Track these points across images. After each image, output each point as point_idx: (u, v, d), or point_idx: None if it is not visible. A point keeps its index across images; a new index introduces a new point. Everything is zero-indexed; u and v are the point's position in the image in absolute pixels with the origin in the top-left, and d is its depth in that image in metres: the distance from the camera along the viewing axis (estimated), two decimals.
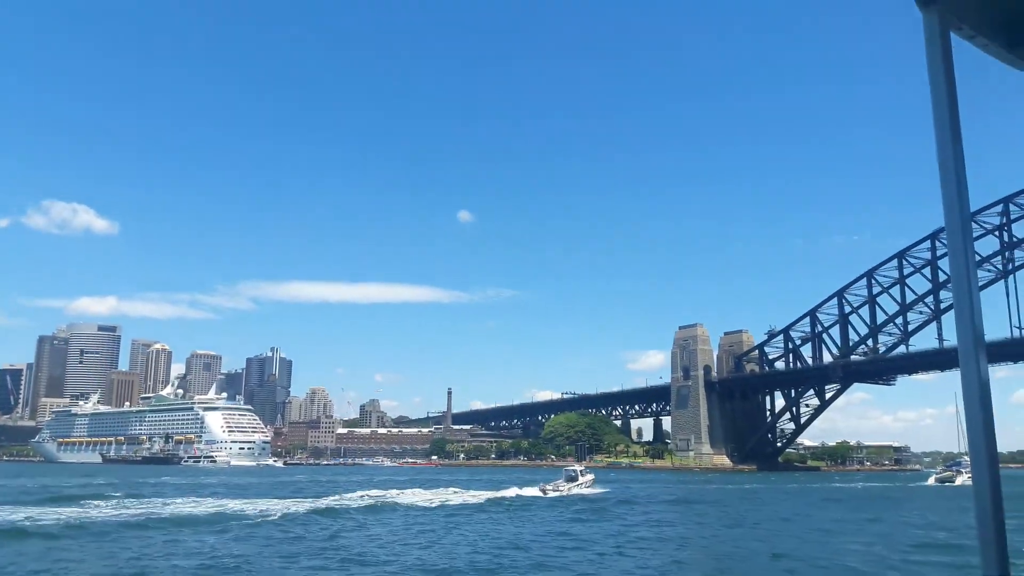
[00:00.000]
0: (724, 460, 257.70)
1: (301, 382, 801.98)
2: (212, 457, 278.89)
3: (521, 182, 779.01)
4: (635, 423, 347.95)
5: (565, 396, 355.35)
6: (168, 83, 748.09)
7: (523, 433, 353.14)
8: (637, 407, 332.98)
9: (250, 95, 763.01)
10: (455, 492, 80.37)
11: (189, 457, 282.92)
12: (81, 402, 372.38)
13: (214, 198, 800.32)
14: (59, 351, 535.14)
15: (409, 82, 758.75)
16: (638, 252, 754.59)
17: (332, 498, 71.94)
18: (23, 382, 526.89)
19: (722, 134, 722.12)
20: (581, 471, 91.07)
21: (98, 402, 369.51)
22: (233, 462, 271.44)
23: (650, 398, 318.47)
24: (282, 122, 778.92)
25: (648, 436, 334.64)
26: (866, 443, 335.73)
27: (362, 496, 73.47)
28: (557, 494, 78.14)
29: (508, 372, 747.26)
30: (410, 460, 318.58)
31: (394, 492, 79.67)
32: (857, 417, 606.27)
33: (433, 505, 66.50)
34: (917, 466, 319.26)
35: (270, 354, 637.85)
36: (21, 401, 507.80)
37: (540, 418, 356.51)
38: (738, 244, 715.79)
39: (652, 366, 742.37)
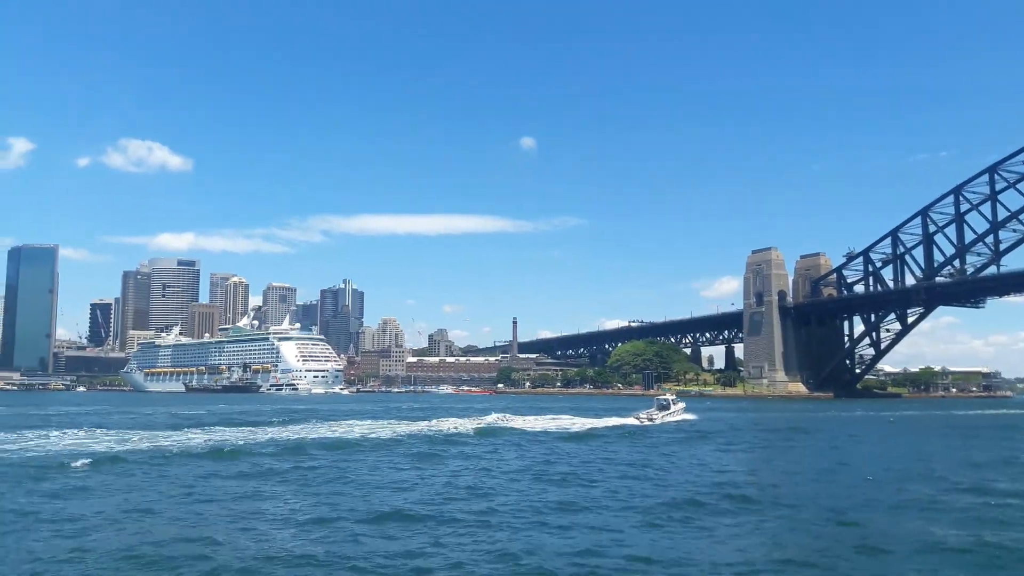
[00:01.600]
0: (799, 387, 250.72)
1: (373, 313, 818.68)
2: (294, 385, 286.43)
3: (584, 108, 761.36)
4: (706, 351, 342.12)
5: (633, 324, 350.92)
6: (237, 18, 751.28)
7: (590, 362, 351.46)
8: (708, 335, 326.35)
9: (314, 29, 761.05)
10: (568, 420, 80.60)
11: (271, 386, 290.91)
12: (163, 334, 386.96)
13: (282, 134, 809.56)
14: (143, 286, 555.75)
15: (470, 7, 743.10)
16: (710, 176, 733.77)
17: (450, 421, 75.71)
18: (112, 315, 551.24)
19: (796, 55, 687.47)
20: (673, 400, 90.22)
21: (180, 334, 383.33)
22: (314, 390, 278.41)
23: (721, 325, 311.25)
24: (346, 55, 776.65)
25: (719, 364, 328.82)
26: (952, 369, 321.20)
27: (479, 423, 74.04)
28: (651, 423, 77.90)
29: (575, 301, 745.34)
30: (466, 388, 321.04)
31: (510, 417, 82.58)
32: (944, 342, 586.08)
33: (555, 430, 66.41)
34: (1008, 392, 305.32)
35: (342, 286, 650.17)
36: (112, 334, 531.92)
37: (607, 347, 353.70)
38: (816, 165, 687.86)
39: (726, 293, 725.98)
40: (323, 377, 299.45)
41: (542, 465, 40.69)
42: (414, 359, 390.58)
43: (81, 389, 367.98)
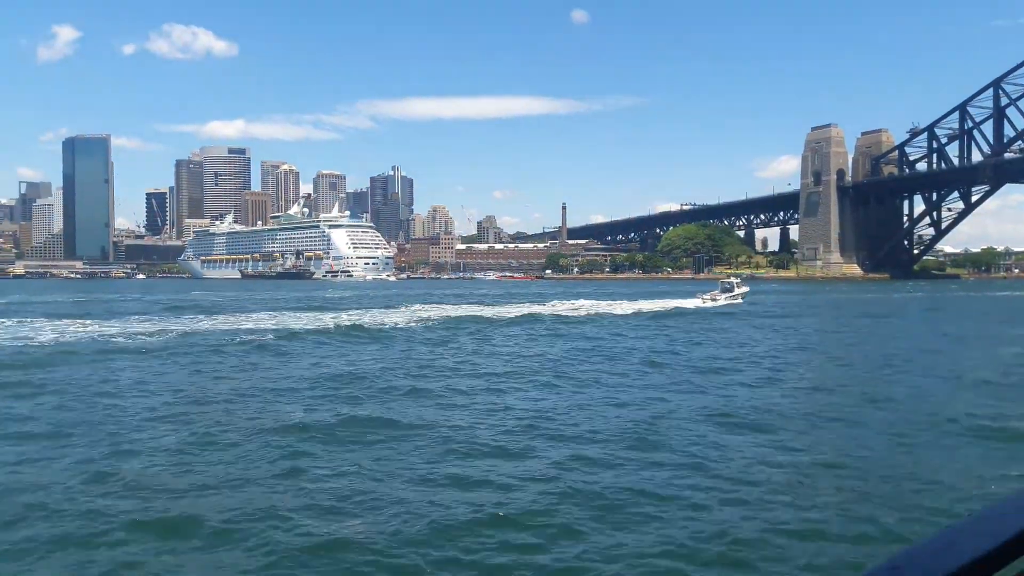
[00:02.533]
0: (854, 269, 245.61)
1: (422, 200, 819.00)
2: (349, 272, 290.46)
3: None
4: (760, 233, 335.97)
5: (685, 207, 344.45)
6: None
7: (641, 247, 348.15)
8: (762, 217, 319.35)
9: None
10: (633, 304, 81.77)
11: (327, 272, 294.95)
12: (217, 222, 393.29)
13: (327, 16, 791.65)
14: (195, 174, 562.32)
15: None
16: (768, 50, 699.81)
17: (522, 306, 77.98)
18: (167, 204, 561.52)
19: None
20: (737, 283, 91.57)
21: (233, 222, 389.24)
22: (368, 277, 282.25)
23: (777, 206, 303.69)
24: None
25: (773, 247, 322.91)
26: (1016, 249, 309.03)
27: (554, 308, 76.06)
28: (714, 304, 79.70)
29: (627, 185, 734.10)
30: (508, 275, 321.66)
31: (582, 302, 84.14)
32: (1011, 221, 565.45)
33: (631, 313, 68.07)
34: None
35: (391, 173, 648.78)
36: (168, 222, 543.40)
37: (658, 231, 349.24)
38: (883, 33, 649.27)
39: (784, 173, 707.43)
40: (374, 264, 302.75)
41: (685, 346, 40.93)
42: (463, 246, 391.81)
43: (141, 277, 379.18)
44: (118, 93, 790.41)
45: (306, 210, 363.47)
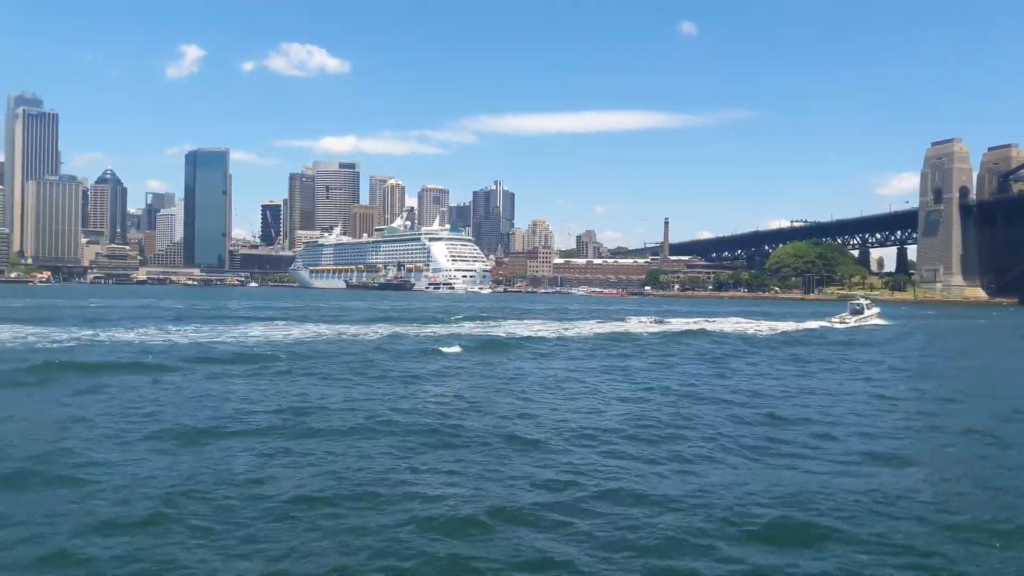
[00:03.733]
0: (977, 292, 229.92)
1: (524, 214, 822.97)
2: (451, 284, 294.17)
3: None
4: (875, 253, 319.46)
5: (796, 224, 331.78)
6: None
7: (747, 264, 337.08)
8: (878, 236, 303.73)
9: None
10: (761, 323, 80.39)
11: (430, 284, 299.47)
12: (326, 234, 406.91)
13: (433, 35, 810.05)
14: (307, 187, 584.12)
15: None
16: (889, 61, 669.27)
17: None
18: (281, 216, 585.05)
19: None
20: (867, 304, 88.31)
21: (341, 234, 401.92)
22: (470, 289, 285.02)
23: (893, 225, 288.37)
24: None
25: (889, 267, 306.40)
26: None
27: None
28: (845, 326, 77.40)
29: (734, 201, 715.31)
30: (598, 290, 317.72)
31: (706, 320, 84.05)
32: None
33: (761, 333, 66.59)
34: None
35: (493, 187, 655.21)
36: (281, 233, 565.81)
37: (766, 248, 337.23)
38: (1007, 43, 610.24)
39: (902, 190, 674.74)
40: (471, 277, 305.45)
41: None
42: (561, 260, 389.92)
43: (253, 285, 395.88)
44: (238, 109, 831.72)
45: (408, 223, 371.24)
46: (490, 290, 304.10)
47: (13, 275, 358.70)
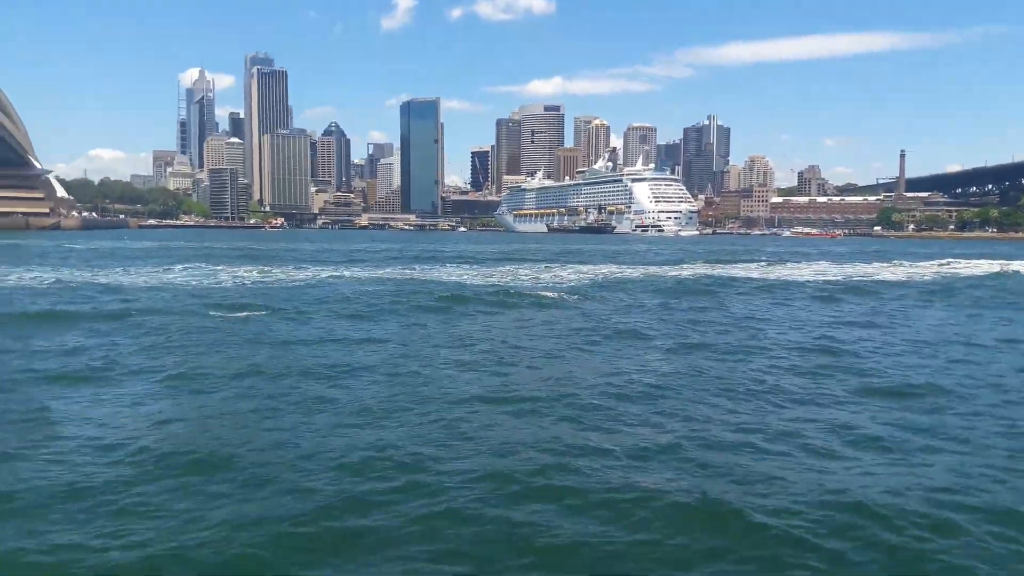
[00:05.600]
0: None
1: (740, 151, 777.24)
2: (660, 227, 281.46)
3: None
4: None
5: None
6: None
7: (1000, 201, 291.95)
8: None
9: None
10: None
11: (637, 227, 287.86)
12: (529, 178, 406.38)
13: None
14: (514, 132, 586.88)
15: None
16: None
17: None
18: (489, 162, 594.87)
19: None
20: None
21: (544, 177, 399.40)
22: (682, 233, 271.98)
23: None
24: None
25: None
26: None
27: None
28: None
29: (984, 129, 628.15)
30: (806, 230, 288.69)
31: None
32: None
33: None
34: None
35: (706, 122, 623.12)
36: (489, 179, 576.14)
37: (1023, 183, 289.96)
38: None
39: None
40: (676, 218, 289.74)
41: None
42: (779, 199, 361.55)
43: (462, 229, 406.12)
44: (448, 57, 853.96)
45: (610, 164, 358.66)
46: (697, 232, 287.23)
47: (252, 221, 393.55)
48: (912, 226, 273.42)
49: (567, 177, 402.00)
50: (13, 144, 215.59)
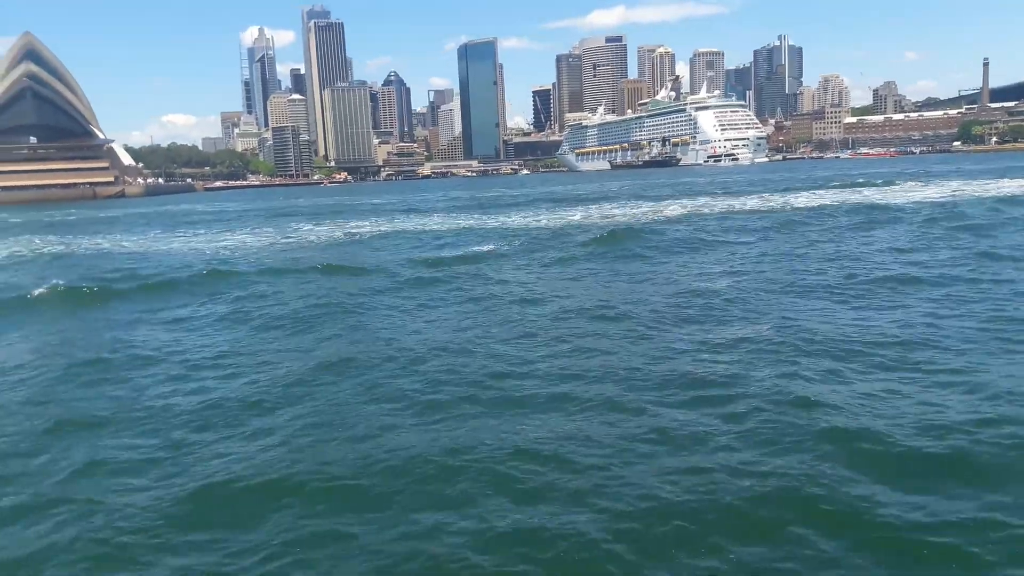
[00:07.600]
0: None
1: (813, 71, 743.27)
2: (734, 156, 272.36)
3: None
4: None
5: None
6: None
7: None
8: None
9: None
10: None
11: (709, 157, 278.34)
12: (590, 114, 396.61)
13: None
14: (575, 68, 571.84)
15: None
16: None
17: None
18: (551, 100, 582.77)
19: None
20: None
21: (605, 112, 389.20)
22: (757, 160, 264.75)
23: None
24: None
25: None
26: None
27: None
28: None
29: None
30: (865, 151, 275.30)
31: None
32: None
33: None
34: None
35: (777, 43, 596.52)
36: (551, 118, 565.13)
37: None
38: None
39: None
40: (744, 145, 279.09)
41: None
42: (853, 119, 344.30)
43: (525, 172, 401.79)
44: None
45: (673, 94, 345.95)
46: (766, 159, 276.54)
47: (316, 177, 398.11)
48: (995, 139, 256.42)
49: (631, 111, 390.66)
50: (75, 115, 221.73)
